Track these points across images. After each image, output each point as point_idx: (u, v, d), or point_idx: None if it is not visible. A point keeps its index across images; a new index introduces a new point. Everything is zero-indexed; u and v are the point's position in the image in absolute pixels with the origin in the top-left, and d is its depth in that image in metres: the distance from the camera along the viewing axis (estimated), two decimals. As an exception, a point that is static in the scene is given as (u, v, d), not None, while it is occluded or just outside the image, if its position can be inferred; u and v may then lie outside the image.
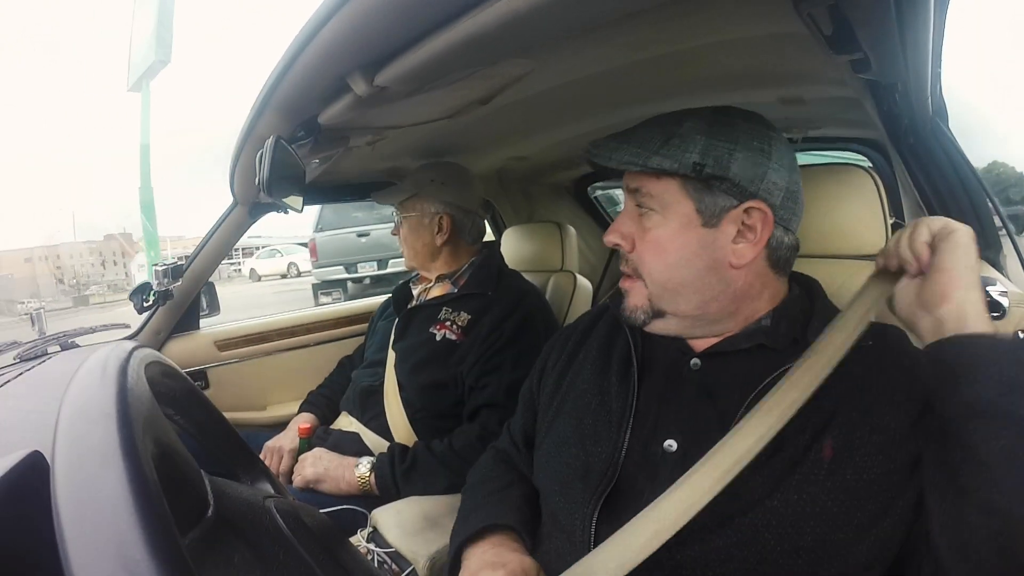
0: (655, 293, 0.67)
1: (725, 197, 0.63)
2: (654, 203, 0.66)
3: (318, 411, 1.38)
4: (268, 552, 0.41)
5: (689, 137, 0.63)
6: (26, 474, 0.30)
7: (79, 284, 24.80)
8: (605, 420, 0.67)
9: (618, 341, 0.75)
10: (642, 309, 0.68)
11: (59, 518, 0.24)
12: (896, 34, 0.59)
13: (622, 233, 0.69)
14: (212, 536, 0.40)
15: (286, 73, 0.67)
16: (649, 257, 0.67)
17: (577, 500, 0.64)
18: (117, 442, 0.28)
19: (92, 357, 0.40)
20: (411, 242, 1.32)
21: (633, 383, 0.68)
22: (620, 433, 0.65)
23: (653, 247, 0.67)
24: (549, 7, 0.49)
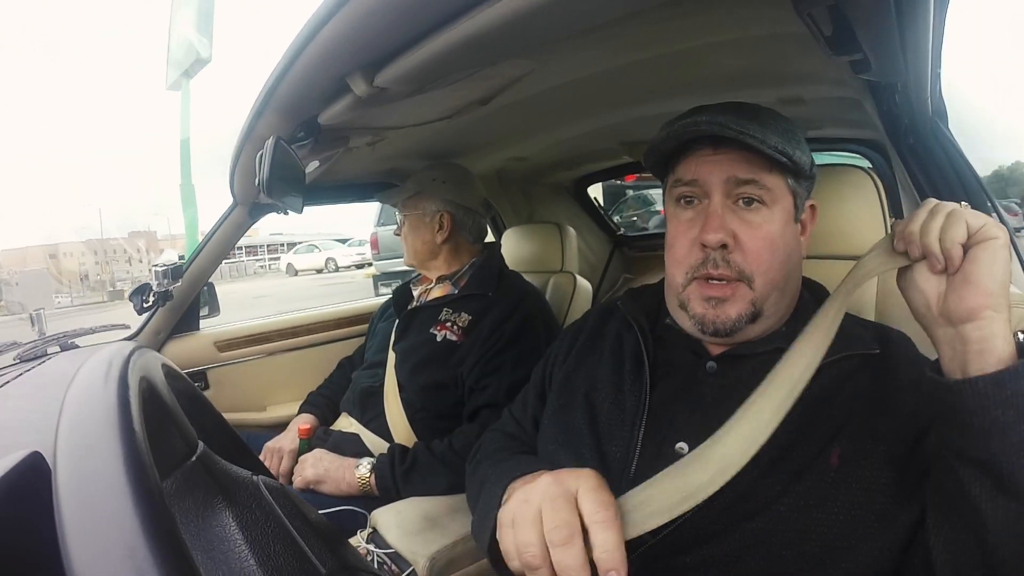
0: (762, 294, 0.63)
1: (806, 193, 0.66)
2: (766, 196, 0.63)
3: (318, 412, 1.38)
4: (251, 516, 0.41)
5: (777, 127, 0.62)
6: (26, 474, 0.30)
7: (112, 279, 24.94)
8: (619, 418, 0.66)
9: (628, 340, 0.73)
10: (744, 316, 0.62)
11: (61, 520, 0.24)
12: (896, 34, 0.59)
13: (728, 230, 0.62)
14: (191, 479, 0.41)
15: (286, 73, 0.67)
16: (765, 255, 0.62)
17: None
18: (118, 443, 0.28)
19: (92, 358, 0.40)
20: (411, 240, 1.32)
21: (645, 383, 0.66)
22: (634, 431, 0.64)
23: (767, 244, 0.62)
24: (549, 7, 0.49)
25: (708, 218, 0.62)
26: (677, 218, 0.67)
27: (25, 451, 0.31)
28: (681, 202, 0.66)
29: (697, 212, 0.65)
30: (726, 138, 0.61)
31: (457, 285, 1.31)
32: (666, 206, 0.71)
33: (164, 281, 1.41)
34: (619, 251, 2.40)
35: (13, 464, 0.29)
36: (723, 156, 0.63)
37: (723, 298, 0.62)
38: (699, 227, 0.63)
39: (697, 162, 0.64)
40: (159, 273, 1.42)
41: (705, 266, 0.63)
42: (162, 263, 1.43)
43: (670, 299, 0.70)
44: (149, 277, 1.44)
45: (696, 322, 0.64)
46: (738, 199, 0.63)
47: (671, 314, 0.72)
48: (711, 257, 0.62)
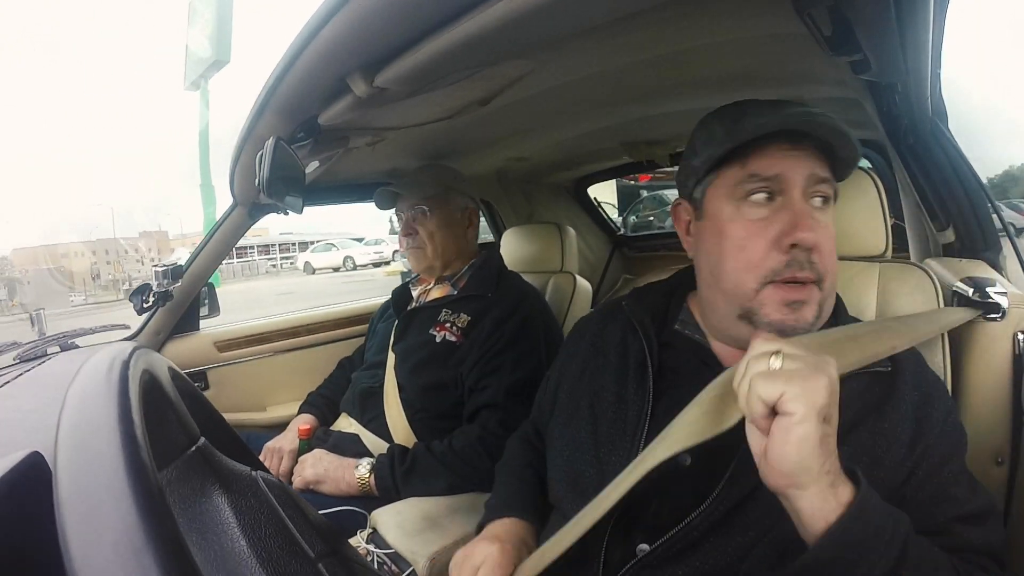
0: (826, 296, 0.60)
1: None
2: (832, 196, 0.61)
3: (318, 412, 1.38)
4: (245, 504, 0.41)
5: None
6: (26, 474, 0.30)
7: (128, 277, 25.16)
8: (620, 428, 0.65)
9: (633, 346, 0.71)
10: (815, 321, 0.59)
11: (61, 519, 0.24)
12: (896, 35, 0.59)
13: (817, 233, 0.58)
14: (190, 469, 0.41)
15: (286, 74, 0.67)
16: (834, 257, 0.60)
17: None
18: (119, 443, 0.28)
19: (93, 358, 0.41)
20: (441, 237, 1.30)
21: (648, 392, 0.65)
22: (634, 442, 0.62)
23: (834, 246, 0.60)
24: (549, 7, 0.49)
25: (799, 216, 0.58)
26: (745, 217, 0.61)
27: (25, 451, 0.31)
28: (752, 199, 0.60)
29: (772, 211, 0.60)
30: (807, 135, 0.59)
31: (456, 286, 1.31)
32: (715, 203, 0.64)
33: (164, 281, 1.41)
34: (619, 251, 2.40)
35: (13, 464, 0.29)
36: (802, 152, 0.60)
37: (804, 301, 0.58)
38: (778, 227, 0.58)
39: (778, 156, 0.59)
40: (159, 273, 1.42)
41: (790, 268, 0.58)
42: (171, 262, 1.43)
43: (726, 309, 0.63)
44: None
45: (773, 329, 0.58)
46: (812, 197, 0.60)
47: (717, 326, 0.66)
48: (797, 259, 0.58)
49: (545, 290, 1.53)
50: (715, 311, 0.66)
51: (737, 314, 0.61)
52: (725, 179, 0.62)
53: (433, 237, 1.30)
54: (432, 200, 1.30)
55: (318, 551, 0.40)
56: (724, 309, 0.63)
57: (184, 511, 0.39)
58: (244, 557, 0.36)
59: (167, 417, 0.43)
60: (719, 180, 0.63)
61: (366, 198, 1.75)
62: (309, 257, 21.70)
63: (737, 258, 0.61)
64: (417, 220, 1.30)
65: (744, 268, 0.60)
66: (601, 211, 2.38)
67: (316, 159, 1.02)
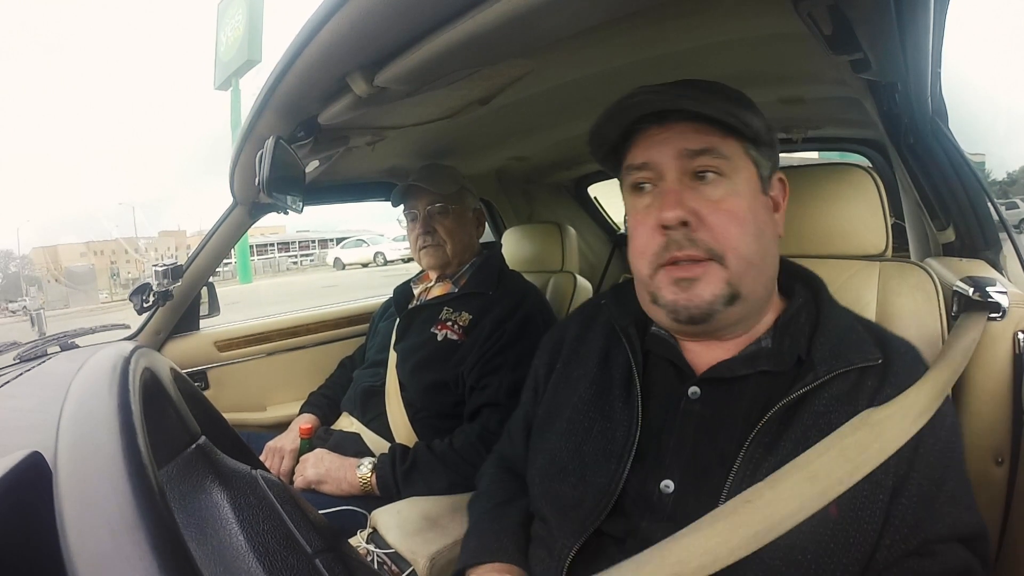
0: (738, 272, 0.58)
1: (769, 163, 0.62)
2: (725, 166, 0.59)
3: (319, 412, 1.38)
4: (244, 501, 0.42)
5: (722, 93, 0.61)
6: (26, 474, 0.30)
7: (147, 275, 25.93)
8: (606, 449, 0.63)
9: (617, 357, 0.69)
10: (720, 297, 0.58)
11: (61, 518, 0.24)
12: (896, 34, 0.59)
13: (689, 208, 0.57)
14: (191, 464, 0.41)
15: (286, 73, 0.67)
16: (733, 230, 0.58)
17: (565, 529, 0.62)
18: (119, 442, 0.28)
19: (94, 357, 0.41)
20: (458, 235, 1.31)
21: (636, 411, 0.63)
22: (620, 465, 0.60)
23: (733, 217, 0.58)
24: (549, 7, 0.49)
25: (663, 197, 0.59)
26: (635, 208, 0.63)
27: (25, 451, 0.31)
28: (637, 190, 0.63)
29: (654, 196, 0.61)
30: (670, 112, 0.59)
31: (457, 284, 1.31)
32: (624, 200, 0.67)
33: (164, 281, 1.41)
34: (619, 251, 2.40)
35: (13, 464, 0.29)
36: (670, 131, 0.60)
37: (693, 278, 0.58)
38: (655, 211, 0.59)
39: (646, 143, 0.61)
40: (159, 273, 1.42)
41: (669, 250, 0.58)
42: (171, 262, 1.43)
43: (642, 297, 0.65)
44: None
45: (668, 311, 0.60)
46: (694, 174, 0.59)
47: (648, 313, 0.67)
48: (674, 239, 0.58)
49: (545, 290, 1.53)
50: (641, 300, 0.67)
51: (649, 300, 0.63)
52: (622, 176, 0.66)
53: (452, 235, 1.30)
54: (451, 198, 1.31)
55: (315, 547, 0.40)
56: (643, 296, 0.65)
57: (184, 507, 0.39)
58: (242, 552, 0.37)
59: (168, 415, 0.43)
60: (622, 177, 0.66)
61: (366, 197, 1.75)
62: (339, 253, 22.24)
63: (633, 246, 0.63)
64: (435, 218, 1.30)
65: (638, 255, 0.62)
66: (601, 211, 2.38)
67: (316, 158, 1.02)
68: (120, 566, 0.22)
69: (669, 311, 0.60)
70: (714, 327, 0.61)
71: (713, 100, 0.58)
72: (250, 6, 10.97)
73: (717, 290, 0.58)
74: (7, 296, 18.23)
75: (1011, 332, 0.72)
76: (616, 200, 2.49)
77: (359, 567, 0.47)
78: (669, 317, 0.61)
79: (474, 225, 1.36)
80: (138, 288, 1.44)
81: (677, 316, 0.59)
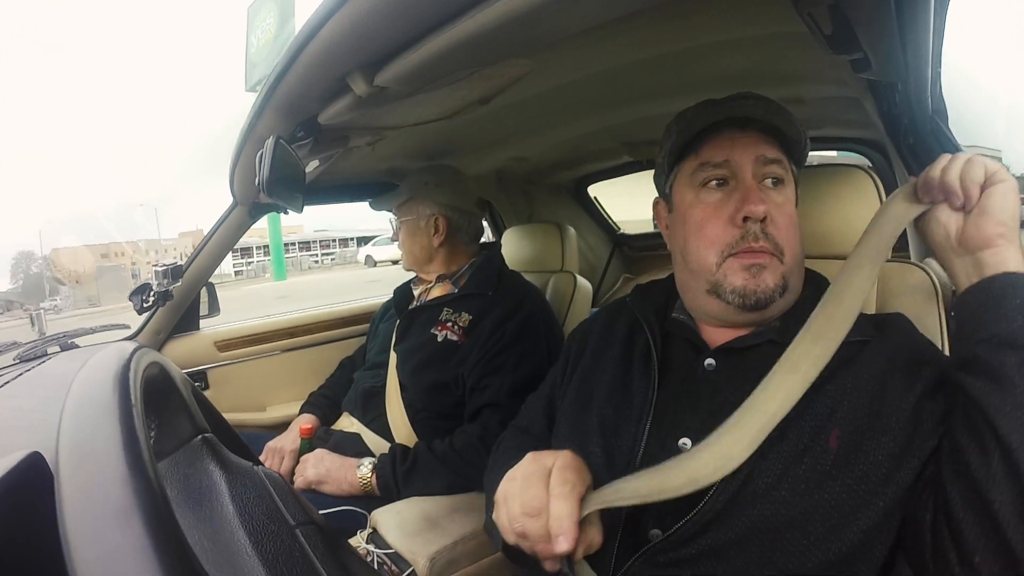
0: (790, 268, 0.66)
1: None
2: (785, 178, 0.67)
3: (319, 412, 1.38)
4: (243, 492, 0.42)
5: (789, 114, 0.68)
6: (26, 474, 0.30)
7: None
8: (626, 414, 0.68)
9: (638, 339, 0.74)
10: (778, 288, 0.65)
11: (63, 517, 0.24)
12: (896, 34, 0.59)
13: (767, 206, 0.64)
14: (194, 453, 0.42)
15: (286, 73, 0.67)
16: (792, 232, 0.66)
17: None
18: (120, 443, 0.28)
19: (95, 358, 0.41)
20: (408, 245, 1.33)
21: (653, 379, 0.68)
22: (639, 427, 0.65)
23: (791, 222, 0.66)
24: (549, 7, 0.49)
25: (748, 192, 0.64)
26: (703, 202, 0.68)
27: (25, 451, 0.31)
28: (710, 185, 0.68)
29: (726, 193, 0.66)
30: (752, 120, 0.66)
31: (457, 284, 1.31)
32: (679, 194, 0.71)
33: (164, 281, 1.41)
34: (619, 251, 2.40)
35: (13, 464, 0.29)
36: (750, 137, 0.66)
37: (763, 264, 0.64)
38: (733, 206, 0.65)
39: (727, 144, 0.67)
40: (159, 273, 1.42)
41: (745, 240, 0.64)
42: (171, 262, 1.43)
43: (696, 286, 0.69)
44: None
45: (736, 295, 0.64)
46: (763, 179, 0.66)
47: (692, 305, 0.72)
48: (751, 231, 0.64)
49: (545, 290, 1.53)
50: (688, 290, 0.72)
51: (705, 289, 0.67)
52: (684, 171, 0.70)
53: (403, 244, 1.35)
54: (399, 208, 1.34)
55: (298, 519, 0.41)
56: (695, 287, 0.69)
57: (186, 491, 0.39)
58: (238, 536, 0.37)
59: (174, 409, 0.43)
60: (680, 173, 0.71)
61: (366, 197, 1.75)
62: (371, 250, 22.72)
63: (698, 237, 0.67)
64: (397, 227, 1.36)
65: (705, 245, 0.67)
66: (601, 210, 2.38)
67: (316, 158, 1.02)
68: (119, 564, 0.22)
69: (737, 295, 0.64)
70: (767, 315, 0.66)
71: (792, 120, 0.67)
72: (281, 8, 11.07)
73: (777, 280, 0.64)
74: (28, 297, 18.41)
75: None
76: (617, 200, 2.49)
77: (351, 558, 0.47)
78: (734, 302, 0.65)
79: (427, 233, 1.31)
80: (138, 288, 1.45)
81: (745, 300, 0.64)
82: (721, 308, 0.67)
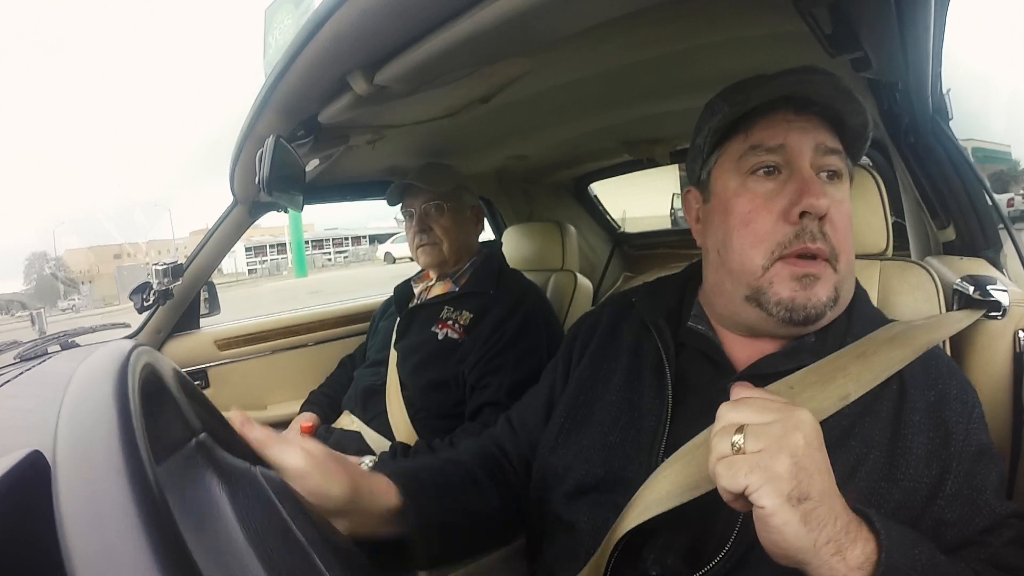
0: (842, 277, 0.56)
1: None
2: (843, 172, 0.58)
3: (320, 410, 1.39)
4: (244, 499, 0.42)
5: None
6: (26, 474, 0.30)
7: None
8: (635, 439, 0.60)
9: (647, 348, 0.66)
10: (830, 301, 0.55)
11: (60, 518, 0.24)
12: (896, 33, 0.59)
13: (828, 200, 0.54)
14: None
15: (286, 72, 0.67)
16: (848, 235, 0.57)
17: (604, 510, 0.58)
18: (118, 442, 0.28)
19: (92, 356, 0.41)
20: (453, 233, 1.31)
21: (668, 400, 0.60)
22: (651, 455, 0.58)
23: (848, 222, 0.57)
24: (549, 7, 0.49)
25: (807, 184, 0.54)
26: (751, 192, 0.57)
27: (25, 450, 0.31)
28: (759, 173, 0.57)
29: (778, 184, 0.56)
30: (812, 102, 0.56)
31: (458, 283, 1.31)
32: (721, 180, 0.61)
33: (164, 280, 1.41)
34: (619, 249, 2.40)
35: (13, 464, 0.29)
36: (807, 122, 0.57)
37: (817, 275, 0.54)
38: (787, 198, 0.55)
39: (782, 126, 0.56)
40: (159, 272, 1.41)
41: (800, 239, 0.54)
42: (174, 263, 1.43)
43: (733, 290, 0.59)
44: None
45: (783, 308, 0.55)
46: (819, 171, 0.56)
47: (723, 311, 0.63)
48: (808, 229, 0.54)
49: (546, 288, 1.53)
50: (722, 294, 0.61)
51: (744, 295, 0.58)
52: (729, 154, 0.60)
53: (448, 233, 1.30)
54: (446, 196, 1.31)
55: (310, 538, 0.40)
56: (731, 291, 0.59)
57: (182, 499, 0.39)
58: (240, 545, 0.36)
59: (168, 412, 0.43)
60: (723, 156, 0.61)
61: (366, 196, 1.75)
62: (390, 247, 23.06)
63: (743, 233, 0.57)
64: (431, 216, 1.31)
65: (751, 243, 0.56)
66: (601, 210, 2.38)
67: (316, 157, 1.02)
68: (118, 564, 0.22)
69: (784, 308, 0.55)
70: (813, 328, 0.58)
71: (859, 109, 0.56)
72: (298, 10, 11.11)
73: (829, 292, 0.56)
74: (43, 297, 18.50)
75: (1011, 331, 0.72)
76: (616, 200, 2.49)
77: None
78: (778, 315, 0.56)
79: (472, 223, 1.36)
80: (138, 287, 1.45)
81: (793, 315, 0.55)
82: (760, 319, 0.58)
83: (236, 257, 29.77)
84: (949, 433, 0.53)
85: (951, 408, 0.54)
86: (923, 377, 0.56)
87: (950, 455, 0.52)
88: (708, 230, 0.63)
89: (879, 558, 0.41)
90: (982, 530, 0.51)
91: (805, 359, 0.57)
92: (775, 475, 0.40)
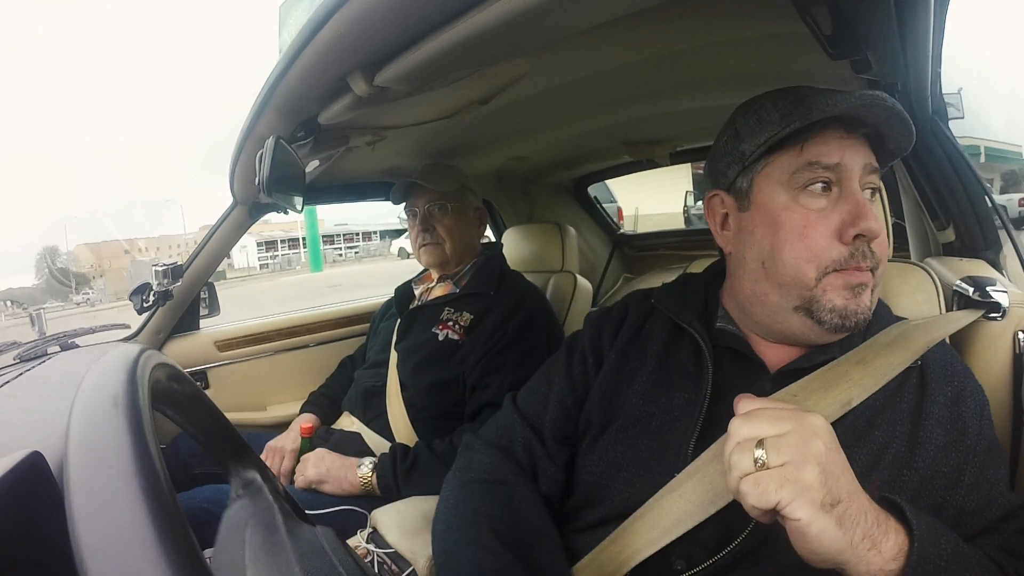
0: (877, 284, 0.59)
1: None
2: (881, 186, 0.61)
3: (320, 411, 1.38)
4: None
5: None
6: (26, 474, 0.30)
7: None
8: (663, 442, 0.61)
9: (681, 350, 0.66)
10: (871, 307, 0.59)
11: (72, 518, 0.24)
12: (896, 34, 0.59)
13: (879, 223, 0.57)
14: None
15: (286, 73, 0.67)
16: (885, 245, 0.59)
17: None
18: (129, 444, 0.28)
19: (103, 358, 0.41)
20: (457, 233, 1.31)
21: (704, 400, 0.61)
22: (679, 456, 0.59)
23: (885, 237, 0.60)
24: (548, 7, 0.49)
25: (861, 207, 0.56)
26: (803, 207, 0.58)
27: (25, 451, 0.31)
28: (813, 188, 0.58)
29: (830, 201, 0.57)
30: (863, 123, 0.58)
31: (459, 284, 1.31)
32: (768, 191, 0.60)
33: (164, 280, 1.41)
34: (619, 250, 2.40)
35: (13, 464, 0.29)
36: (856, 141, 0.58)
37: (865, 284, 0.57)
38: (839, 218, 0.57)
39: (837, 144, 0.57)
40: (159, 272, 1.41)
41: (854, 259, 0.56)
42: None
43: (781, 302, 0.60)
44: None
45: (836, 315, 0.57)
46: (864, 188, 0.58)
47: (763, 320, 0.63)
48: (860, 250, 0.56)
49: (546, 289, 1.53)
50: (764, 305, 0.62)
51: (793, 306, 0.59)
52: (778, 166, 0.59)
53: (451, 233, 1.30)
54: (450, 196, 1.31)
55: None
56: (777, 302, 0.60)
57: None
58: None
59: None
60: (771, 167, 0.60)
61: (366, 197, 1.75)
62: (403, 243, 23.32)
63: (796, 247, 0.58)
64: (434, 216, 1.31)
65: (806, 258, 0.57)
66: (602, 210, 2.38)
67: (316, 158, 1.02)
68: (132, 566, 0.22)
69: (836, 315, 0.57)
70: (832, 336, 0.60)
71: (906, 131, 0.58)
72: (313, 6, 11.23)
73: (872, 300, 0.59)
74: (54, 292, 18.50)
75: (1011, 332, 0.73)
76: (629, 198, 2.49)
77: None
78: (830, 322, 0.57)
79: (475, 224, 1.36)
80: (138, 288, 1.44)
81: (845, 321, 0.57)
82: (805, 327, 0.59)
83: (248, 252, 29.75)
84: (966, 428, 0.56)
85: (967, 404, 0.58)
86: (943, 372, 0.60)
87: (967, 448, 0.55)
88: (747, 239, 0.63)
89: (911, 548, 0.43)
90: (998, 519, 0.54)
91: (835, 351, 0.60)
92: (805, 486, 0.41)
